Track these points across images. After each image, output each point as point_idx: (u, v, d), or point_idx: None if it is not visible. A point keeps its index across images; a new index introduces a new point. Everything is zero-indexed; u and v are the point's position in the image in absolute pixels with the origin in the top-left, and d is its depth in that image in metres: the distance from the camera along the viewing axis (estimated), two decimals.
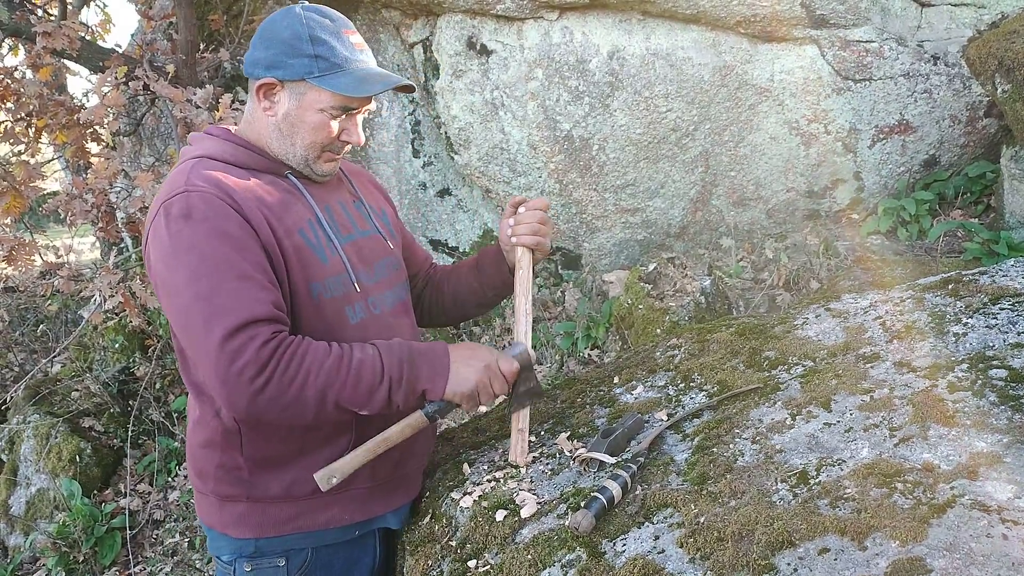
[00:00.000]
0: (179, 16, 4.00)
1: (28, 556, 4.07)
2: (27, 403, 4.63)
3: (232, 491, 1.53)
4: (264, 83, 1.48)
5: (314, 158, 1.53)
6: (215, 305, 1.30)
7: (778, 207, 3.63)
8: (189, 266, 1.33)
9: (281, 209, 1.46)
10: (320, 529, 1.55)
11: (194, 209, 1.35)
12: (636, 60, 3.36)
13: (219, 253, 1.33)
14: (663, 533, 1.28)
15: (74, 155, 3.93)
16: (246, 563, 1.56)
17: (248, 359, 1.28)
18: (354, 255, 1.56)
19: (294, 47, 1.44)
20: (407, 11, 3.81)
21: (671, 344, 2.04)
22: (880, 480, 1.20)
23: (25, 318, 6.03)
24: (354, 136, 1.54)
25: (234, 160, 1.49)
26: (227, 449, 1.50)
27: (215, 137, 1.53)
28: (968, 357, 1.46)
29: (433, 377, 1.43)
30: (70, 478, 4.22)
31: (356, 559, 1.63)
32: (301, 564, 1.56)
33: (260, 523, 1.52)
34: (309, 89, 1.46)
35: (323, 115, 1.48)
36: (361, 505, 1.58)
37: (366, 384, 1.37)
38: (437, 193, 4.30)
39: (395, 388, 1.40)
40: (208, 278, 1.31)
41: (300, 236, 1.46)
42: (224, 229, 1.35)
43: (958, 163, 3.45)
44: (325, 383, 1.34)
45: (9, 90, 3.86)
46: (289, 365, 1.31)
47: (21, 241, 3.57)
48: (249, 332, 1.29)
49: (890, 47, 3.25)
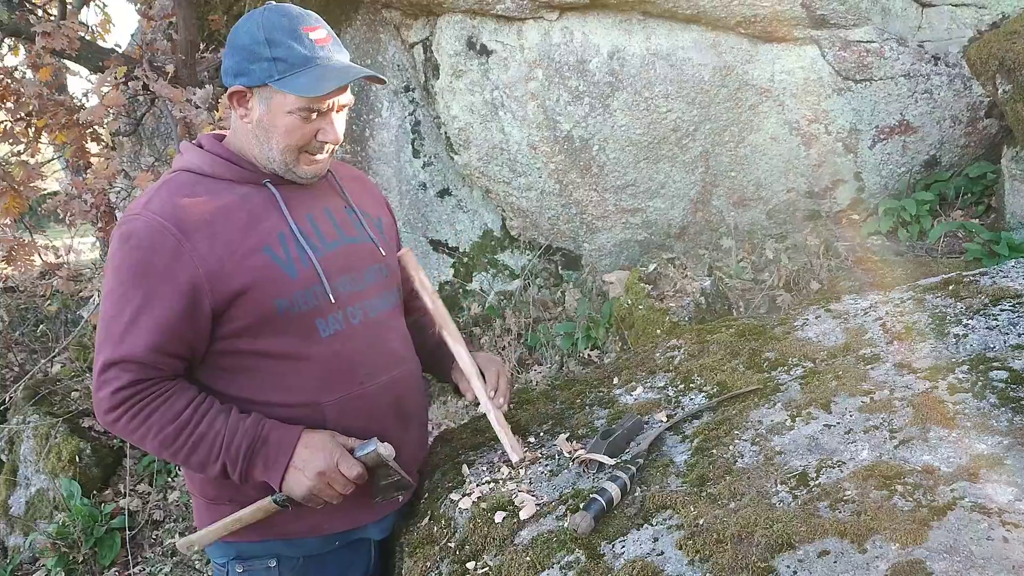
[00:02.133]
0: (179, 16, 4.00)
1: (28, 556, 4.06)
2: (27, 403, 4.63)
3: (216, 493, 1.54)
4: (234, 91, 1.46)
5: (292, 161, 1.50)
6: (107, 332, 1.40)
7: (778, 207, 3.62)
8: (109, 286, 1.42)
9: (248, 227, 1.45)
10: (303, 537, 1.55)
11: (133, 235, 1.40)
12: (636, 60, 3.36)
13: (130, 286, 1.39)
14: (662, 535, 1.27)
15: (74, 155, 3.93)
16: (238, 565, 1.57)
17: (105, 395, 1.38)
18: (337, 263, 1.53)
19: (253, 52, 1.42)
20: (407, 11, 3.80)
21: (671, 345, 2.03)
22: (880, 482, 1.19)
23: (25, 318, 6.03)
24: (330, 135, 1.49)
25: (212, 172, 1.49)
26: None
27: (200, 149, 1.54)
28: (969, 359, 1.45)
29: (268, 472, 1.44)
30: (70, 478, 4.22)
31: (350, 562, 1.63)
32: (293, 567, 1.56)
33: (243, 527, 1.52)
34: (274, 93, 1.43)
35: (292, 117, 1.44)
36: (343, 515, 1.57)
37: (199, 458, 1.42)
38: (437, 193, 4.29)
39: (231, 470, 1.43)
40: (114, 305, 1.40)
41: (265, 253, 1.45)
42: (148, 264, 1.39)
43: (959, 164, 3.44)
44: (160, 445, 1.41)
45: (9, 90, 3.86)
46: (134, 418, 1.39)
47: (21, 241, 3.57)
48: (115, 371, 1.38)
49: (891, 47, 3.24)
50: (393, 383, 1.58)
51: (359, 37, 4.08)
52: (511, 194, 3.86)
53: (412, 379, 1.66)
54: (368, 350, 1.55)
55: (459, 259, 4.36)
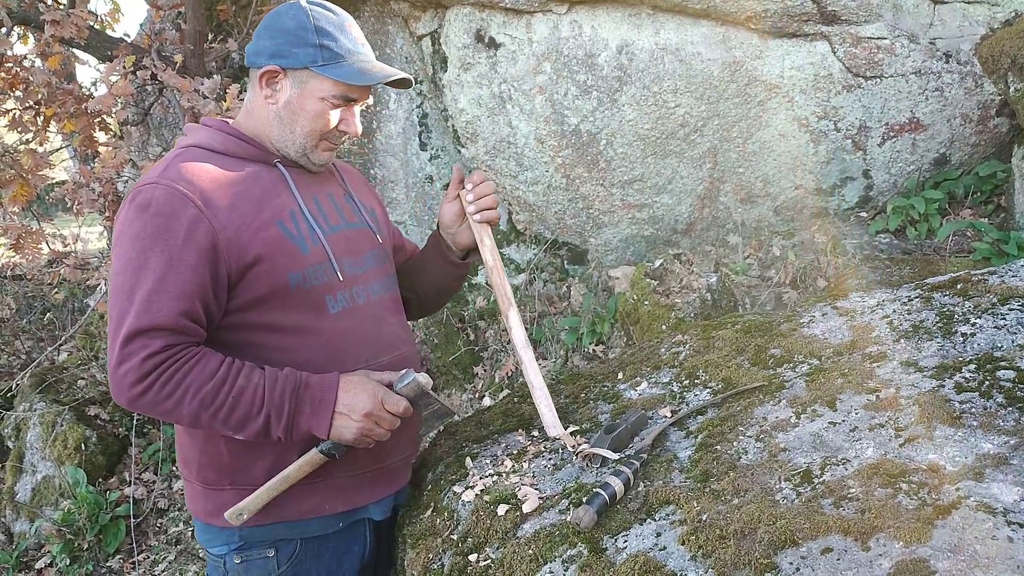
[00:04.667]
0: (187, 6, 4.00)
1: (33, 543, 4.09)
2: (33, 391, 4.65)
3: (215, 477, 1.53)
4: (267, 70, 1.51)
5: (312, 147, 1.56)
6: (129, 301, 1.35)
7: (786, 204, 3.60)
8: (126, 256, 1.38)
9: (261, 201, 1.49)
10: (303, 519, 1.55)
11: (153, 202, 1.39)
12: (645, 55, 3.34)
13: (153, 253, 1.37)
14: (665, 530, 1.27)
15: (82, 144, 3.94)
16: (236, 556, 1.56)
17: (132, 366, 1.32)
18: (340, 245, 1.57)
19: (299, 37, 1.49)
20: (416, 3, 3.80)
21: (676, 341, 2.03)
22: (885, 480, 1.19)
23: (32, 306, 6.06)
24: (352, 127, 1.57)
25: (223, 149, 1.52)
26: (208, 435, 1.51)
27: (209, 128, 1.57)
28: (976, 357, 1.44)
29: (315, 416, 1.42)
30: (75, 466, 4.24)
31: (346, 548, 1.64)
32: (291, 555, 1.56)
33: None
34: (311, 78, 1.50)
35: (323, 104, 1.51)
36: (343, 495, 1.58)
37: (240, 415, 1.38)
38: (444, 186, 4.29)
39: (274, 423, 1.40)
40: (134, 273, 1.36)
41: (278, 227, 1.48)
42: (171, 229, 1.38)
43: (969, 162, 3.42)
44: (200, 406, 1.36)
45: (18, 78, 3.86)
46: (167, 384, 1.34)
47: (28, 229, 3.58)
48: (142, 340, 1.33)
49: (902, 44, 3.22)
50: (393, 364, 1.60)
51: (367, 29, 4.07)
52: (518, 188, 3.85)
53: (411, 362, 1.69)
54: (372, 329, 1.59)
55: None
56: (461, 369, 4.09)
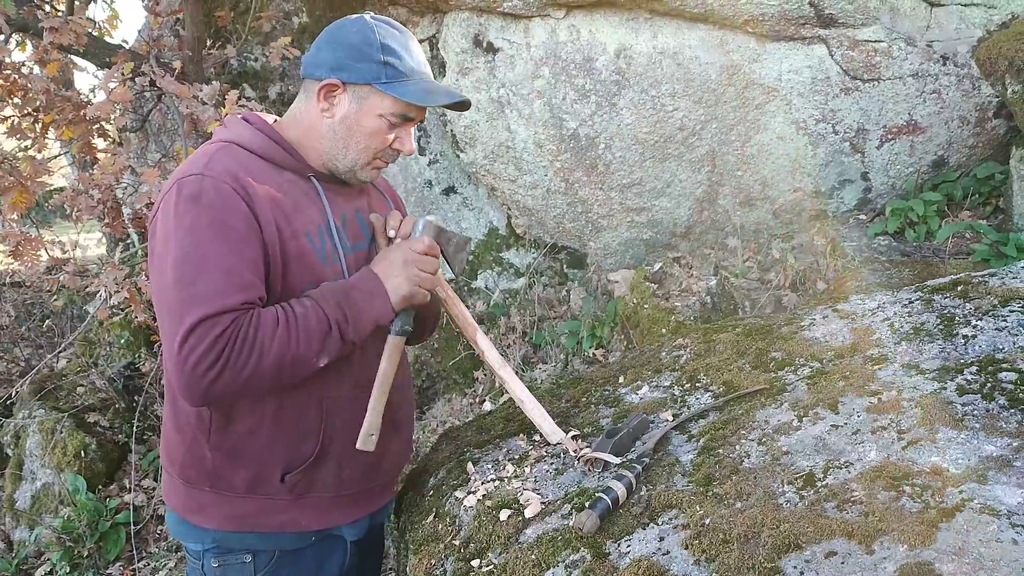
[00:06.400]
0: (186, 12, 4.00)
1: (33, 550, 4.08)
2: (33, 398, 4.64)
3: (197, 478, 1.53)
4: (327, 84, 1.48)
5: (364, 164, 1.54)
6: (192, 293, 1.32)
7: (785, 207, 3.61)
8: (182, 249, 1.34)
9: (292, 210, 1.47)
10: (276, 532, 1.55)
11: (204, 194, 1.37)
12: (643, 59, 3.35)
13: (214, 243, 1.35)
14: (668, 534, 1.27)
15: (80, 151, 3.94)
16: (214, 559, 1.56)
17: (202, 350, 1.29)
18: (354, 265, 1.56)
19: (363, 52, 1.46)
20: (414, 8, 3.80)
21: (677, 344, 2.03)
22: (888, 483, 1.19)
23: (31, 313, 6.05)
24: (407, 145, 1.55)
25: (260, 152, 1.50)
26: (196, 436, 1.51)
27: (250, 125, 1.54)
28: (977, 360, 1.44)
29: (373, 302, 1.47)
30: (75, 473, 4.23)
31: (325, 556, 1.63)
32: (268, 562, 1.56)
33: (220, 515, 1.53)
34: (372, 94, 1.47)
35: (381, 121, 1.49)
36: (319, 514, 1.57)
37: (318, 340, 1.39)
38: (443, 191, 4.29)
39: (344, 327, 1.42)
40: (196, 265, 1.33)
41: (305, 239, 1.48)
42: (226, 221, 1.36)
43: (967, 164, 3.43)
44: (280, 351, 1.35)
45: (16, 85, 3.85)
46: (243, 348, 1.32)
47: (27, 236, 3.57)
48: (211, 323, 1.30)
49: (899, 47, 3.23)
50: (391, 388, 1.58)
51: None
52: (516, 192, 3.85)
53: (406, 387, 1.69)
54: (373, 350, 1.56)
55: None
56: (462, 374, 4.09)
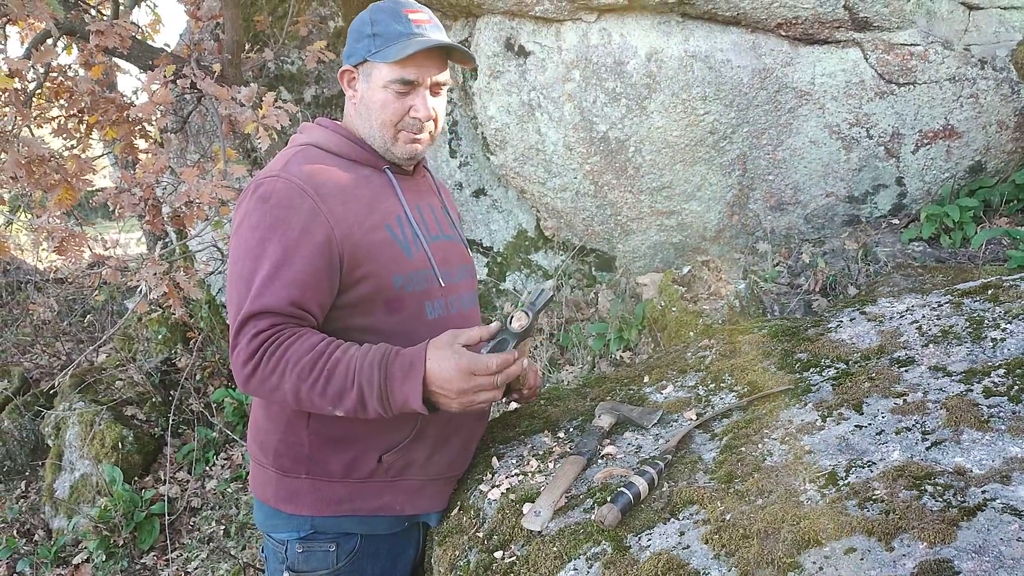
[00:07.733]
0: (226, 17, 4.10)
1: (71, 539, 4.20)
2: (73, 391, 4.79)
3: (293, 466, 1.55)
4: (343, 71, 1.59)
5: (391, 138, 1.57)
6: (247, 287, 1.39)
7: (816, 212, 3.58)
8: (247, 244, 1.42)
9: (372, 204, 1.53)
10: (372, 515, 1.58)
11: (274, 194, 1.44)
12: (674, 62, 3.35)
13: (270, 242, 1.41)
14: (688, 529, 1.28)
15: (123, 151, 4.06)
16: (298, 545, 1.58)
17: (243, 345, 1.37)
18: (439, 254, 1.60)
19: (359, 32, 1.55)
20: (447, 12, 3.85)
21: (702, 345, 2.03)
22: (910, 482, 1.18)
23: (73, 308, 6.23)
24: (421, 110, 1.55)
25: (338, 151, 1.57)
26: (293, 423, 1.54)
27: (324, 128, 1.62)
28: (1005, 362, 1.43)
29: (407, 386, 1.35)
30: (112, 464, 4.35)
31: (401, 550, 1.67)
32: (350, 551, 1.58)
33: (317, 501, 1.55)
34: (372, 68, 1.54)
35: (387, 91, 1.53)
36: (411, 498, 1.61)
37: (336, 386, 1.35)
38: (473, 193, 4.33)
39: (367, 394, 1.35)
40: (254, 261, 1.40)
41: (387, 231, 1.52)
42: (290, 222, 1.42)
43: (1005, 170, 3.37)
44: (298, 378, 1.34)
45: (63, 87, 3.99)
46: (271, 358, 1.35)
47: (72, 232, 3.69)
48: (253, 322, 1.37)
49: (936, 51, 3.19)
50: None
51: None
52: (546, 195, 3.87)
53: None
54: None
55: (493, 259, 4.39)
56: None
